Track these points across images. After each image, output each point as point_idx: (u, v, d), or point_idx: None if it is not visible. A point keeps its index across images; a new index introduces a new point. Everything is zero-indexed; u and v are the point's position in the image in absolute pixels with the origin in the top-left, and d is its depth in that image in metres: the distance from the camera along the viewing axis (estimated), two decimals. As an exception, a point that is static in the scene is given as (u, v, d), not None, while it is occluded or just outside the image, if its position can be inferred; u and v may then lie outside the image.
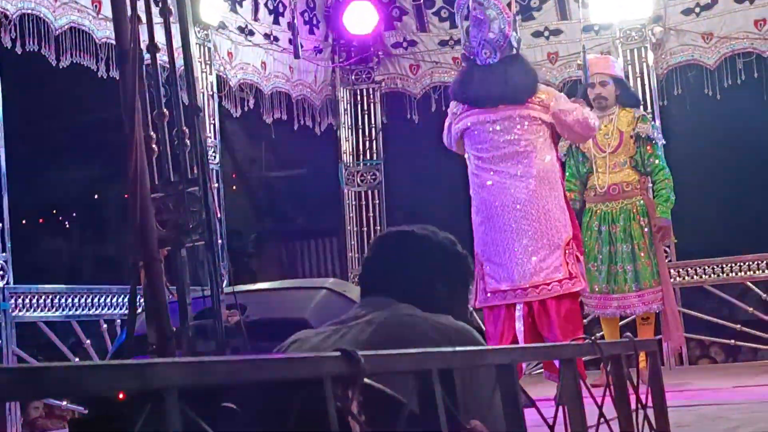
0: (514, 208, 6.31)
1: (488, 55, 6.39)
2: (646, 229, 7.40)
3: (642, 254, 7.38)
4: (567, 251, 6.31)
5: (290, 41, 9.10)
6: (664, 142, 8.06)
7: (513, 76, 6.36)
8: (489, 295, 6.38)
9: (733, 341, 9.06)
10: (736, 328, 8.93)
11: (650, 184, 7.66)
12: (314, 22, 10.15)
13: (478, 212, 6.45)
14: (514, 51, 6.45)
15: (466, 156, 6.59)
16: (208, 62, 8.70)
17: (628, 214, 7.43)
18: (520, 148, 6.34)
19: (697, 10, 9.40)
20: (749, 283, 8.98)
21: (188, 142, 3.72)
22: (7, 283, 6.78)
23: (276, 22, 9.57)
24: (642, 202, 7.47)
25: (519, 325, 6.29)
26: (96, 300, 7.40)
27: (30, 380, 1.08)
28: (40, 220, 17.49)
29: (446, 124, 6.65)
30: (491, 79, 6.37)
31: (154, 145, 3.64)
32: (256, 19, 9.32)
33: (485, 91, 6.37)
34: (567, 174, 7.51)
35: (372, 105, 10.48)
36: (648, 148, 7.50)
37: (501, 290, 6.33)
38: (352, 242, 10.26)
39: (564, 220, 6.38)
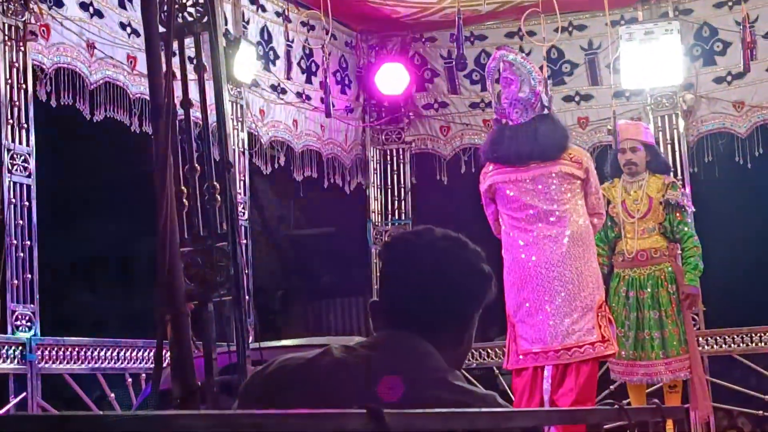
0: (548, 268, 6.26)
1: (519, 114, 6.39)
2: (674, 296, 7.36)
3: (670, 322, 7.33)
4: (600, 314, 6.27)
5: (322, 100, 9.17)
6: (694, 210, 8.03)
7: (543, 134, 6.34)
8: (521, 357, 6.31)
9: (761, 412, 8.95)
10: (765, 399, 8.84)
11: (679, 251, 7.63)
12: (346, 82, 10.23)
13: (511, 272, 6.39)
14: (546, 111, 6.46)
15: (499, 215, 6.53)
16: (240, 119, 8.77)
17: (656, 280, 7.39)
18: (555, 208, 6.31)
19: (729, 78, 9.42)
20: (778, 354, 8.90)
21: (218, 197, 3.75)
22: (35, 334, 6.81)
23: (308, 81, 9.65)
24: (670, 268, 7.43)
25: (546, 385, 6.23)
26: (122, 353, 7.41)
27: (55, 429, 1.08)
28: (69, 273, 17.56)
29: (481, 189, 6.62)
30: (521, 137, 6.35)
31: (184, 200, 3.67)
32: (288, 78, 9.40)
33: (516, 148, 6.35)
34: (595, 238, 7.49)
35: (402, 165, 10.51)
36: (677, 215, 7.48)
37: (533, 352, 6.26)
38: (379, 302, 10.22)
39: (596, 282, 6.35)
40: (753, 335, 8.95)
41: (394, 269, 2.34)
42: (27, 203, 6.89)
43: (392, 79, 10.17)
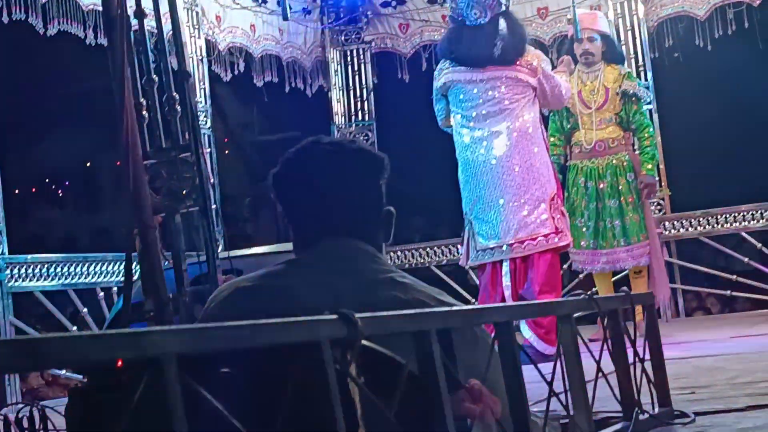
0: (498, 164, 6.35)
1: (478, 15, 6.37)
2: (632, 185, 7.41)
3: (630, 209, 7.39)
4: (552, 206, 6.35)
5: (278, 3, 9.04)
6: (650, 100, 8.03)
7: (502, 38, 6.35)
8: (478, 253, 6.43)
9: (729, 292, 9.08)
10: (732, 279, 8.96)
11: (633, 140, 7.66)
12: (302, -17, 10.08)
13: (464, 170, 6.52)
14: (503, 8, 6.43)
15: (450, 115, 6.61)
16: (197, 26, 8.65)
17: (614, 169, 7.43)
18: (503, 107, 6.37)
19: (687, -41, 9.34)
20: (744, 234, 8.99)
21: (179, 107, 3.71)
22: (2, 253, 6.78)
23: (264, -17, 9.51)
24: (627, 157, 7.47)
25: (506, 281, 6.33)
26: (92, 268, 7.39)
27: (28, 352, 1.08)
28: (33, 190, 17.47)
29: (434, 84, 6.68)
30: (480, 39, 6.36)
31: (144, 112, 3.63)
32: (243, -18, 9.25)
33: (475, 51, 6.37)
34: (551, 129, 7.52)
35: (362, 65, 10.45)
36: (633, 105, 7.50)
37: (489, 248, 6.37)
38: (346, 203, 10.24)
39: (548, 175, 6.42)
40: (718, 217, 9.03)
41: (303, 187, 2.32)
42: (-15, 122, 6.81)
43: (348, -23, 10.03)
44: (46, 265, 7.10)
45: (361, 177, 2.32)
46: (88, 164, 17.48)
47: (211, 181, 7.00)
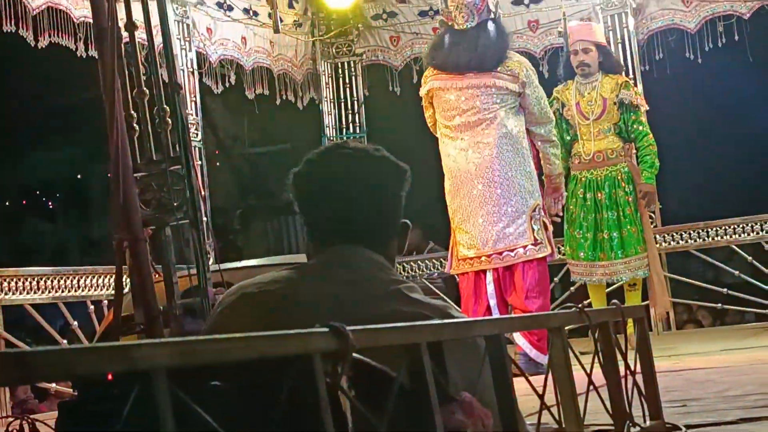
0: (477, 175, 6.33)
1: (466, 19, 6.37)
2: (631, 196, 7.42)
3: (627, 221, 7.40)
4: (533, 217, 6.33)
5: (270, 15, 9.05)
6: (648, 108, 8.05)
7: (483, 43, 6.33)
8: (459, 262, 6.44)
9: (719, 305, 9.08)
10: (723, 292, 8.96)
11: (634, 151, 7.69)
12: (293, -5, 10.09)
13: (447, 180, 6.51)
14: (492, 15, 6.43)
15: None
16: (188, 39, 8.65)
17: (613, 181, 7.44)
18: (484, 116, 6.33)
19: (677, -27, 9.38)
20: (734, 247, 8.99)
21: (169, 120, 3.71)
22: (-8, 266, 6.76)
23: (255, -4, 9.52)
24: (627, 168, 7.48)
25: (491, 290, 6.33)
26: (82, 281, 7.37)
27: (18, 366, 1.07)
28: (23, 203, 17.43)
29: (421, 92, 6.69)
30: (462, 45, 6.35)
31: (135, 125, 3.62)
32: (234, -6, 9.26)
33: (454, 57, 6.36)
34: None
35: (353, 78, 10.45)
36: (632, 114, 7.51)
37: (468, 257, 6.37)
38: (338, 216, 10.24)
39: (530, 187, 6.38)
40: (709, 230, 9.03)
41: (321, 189, 2.30)
42: (-24, 135, 6.80)
43: (339, -10, 10.03)
44: (36, 278, 7.08)
45: (382, 185, 2.30)
46: (79, 177, 17.44)
47: (202, 193, 7.00)
